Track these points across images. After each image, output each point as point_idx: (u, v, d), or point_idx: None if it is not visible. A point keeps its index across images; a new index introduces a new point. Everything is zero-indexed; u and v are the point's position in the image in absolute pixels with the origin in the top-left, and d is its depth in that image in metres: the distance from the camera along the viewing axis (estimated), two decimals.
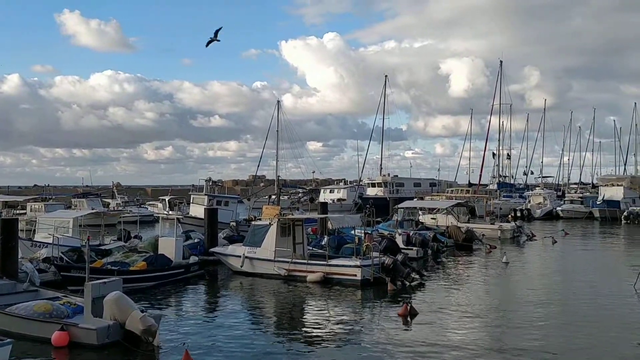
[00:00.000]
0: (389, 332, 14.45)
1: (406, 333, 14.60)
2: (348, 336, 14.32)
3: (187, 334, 14.23)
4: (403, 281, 20.19)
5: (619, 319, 15.87)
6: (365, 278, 20.25)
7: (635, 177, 73.28)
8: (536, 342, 13.58)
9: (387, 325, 15.29)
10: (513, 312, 16.95)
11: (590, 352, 13.05)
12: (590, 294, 19.26)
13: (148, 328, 12.62)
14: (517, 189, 73.63)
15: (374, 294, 19.43)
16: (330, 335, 14.57)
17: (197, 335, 14.21)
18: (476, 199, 53.29)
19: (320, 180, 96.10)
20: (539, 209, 58.20)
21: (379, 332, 14.56)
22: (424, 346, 13.21)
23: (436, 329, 14.81)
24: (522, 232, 37.97)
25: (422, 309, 16.71)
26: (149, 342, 12.66)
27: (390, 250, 22.71)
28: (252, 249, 22.59)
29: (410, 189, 72.68)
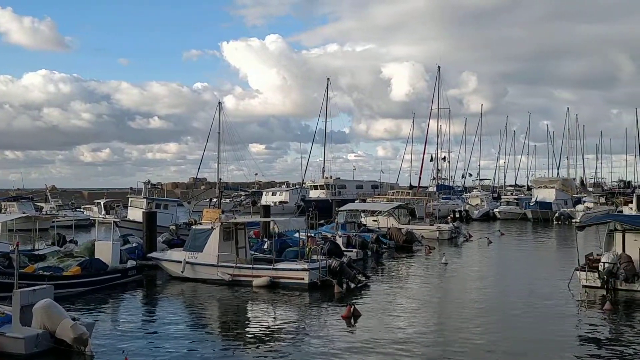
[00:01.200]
0: (333, 335, 14.50)
1: (349, 335, 14.69)
2: (292, 340, 14.24)
3: (123, 342, 13.77)
4: (349, 283, 20.27)
5: (555, 317, 16.43)
6: (313, 281, 20.22)
7: (567, 179, 76.48)
8: (475, 342, 13.91)
9: (330, 327, 15.34)
10: (453, 313, 17.34)
11: (527, 350, 13.44)
12: (526, 294, 19.85)
13: (79, 336, 12.22)
14: (455, 191, 75.43)
15: (321, 296, 19.41)
16: (274, 339, 14.45)
17: (135, 343, 13.79)
18: (416, 201, 54.26)
19: (263, 182, 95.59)
20: (477, 210, 59.84)
21: (322, 335, 14.56)
22: (367, 347, 13.31)
23: (379, 330, 14.94)
24: (460, 233, 38.95)
25: (366, 310, 16.87)
26: (81, 351, 12.25)
27: (333, 253, 22.76)
28: (194, 254, 22.13)
29: (352, 191, 73.27)
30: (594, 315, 16.92)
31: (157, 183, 57.87)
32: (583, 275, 19.99)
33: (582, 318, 16.80)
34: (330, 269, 20.44)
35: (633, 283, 19.03)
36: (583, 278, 19.99)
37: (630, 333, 14.86)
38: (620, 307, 17.61)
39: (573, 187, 72.96)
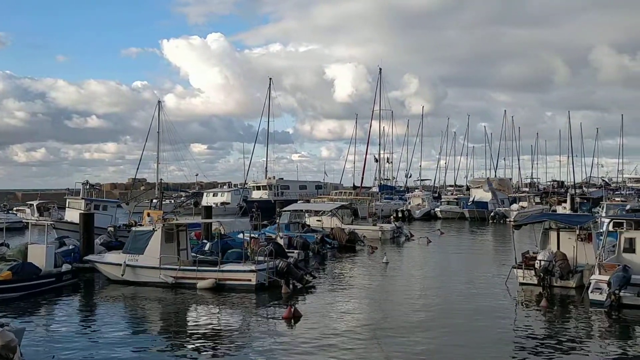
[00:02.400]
0: (272, 336, 14.59)
1: (289, 336, 14.75)
2: (232, 342, 14.20)
3: (56, 349, 13.27)
4: (296, 284, 20.21)
5: (494, 315, 16.89)
6: (260, 282, 20.05)
7: (502, 179, 78.96)
8: (414, 340, 14.16)
9: (271, 328, 15.45)
10: (393, 311, 17.60)
11: (466, 347, 13.72)
12: (465, 291, 20.34)
13: (7, 343, 11.65)
14: (397, 191, 76.58)
15: (268, 298, 19.29)
16: (214, 342, 14.28)
17: (69, 350, 13.30)
18: (359, 201, 54.74)
19: (205, 183, 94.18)
20: (418, 209, 60.94)
21: (262, 336, 14.60)
22: (305, 348, 13.41)
23: (319, 330, 15.02)
24: (402, 233, 39.53)
25: (307, 310, 16.95)
26: (9, 358, 11.68)
27: (277, 254, 22.61)
28: (134, 256, 21.53)
29: (295, 192, 73.18)
30: (530, 311, 17.53)
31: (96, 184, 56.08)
32: (520, 273, 20.64)
33: (520, 315, 17.36)
34: (277, 270, 20.36)
35: (568, 280, 19.77)
36: (520, 276, 20.64)
37: (565, 329, 15.46)
38: (555, 303, 18.28)
39: (509, 187, 75.43)
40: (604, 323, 15.90)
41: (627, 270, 17.08)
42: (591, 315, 16.65)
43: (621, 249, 19.32)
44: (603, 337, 14.72)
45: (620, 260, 18.67)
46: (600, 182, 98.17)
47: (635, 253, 19.01)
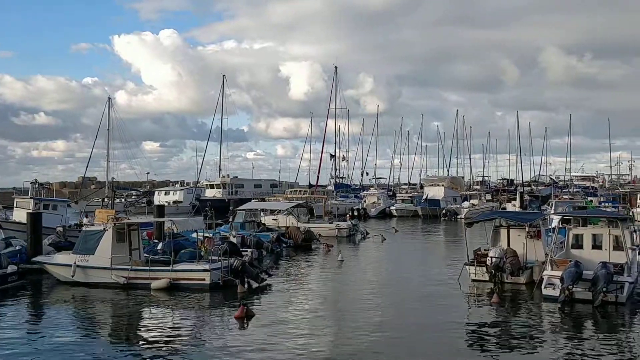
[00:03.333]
0: (224, 335, 14.59)
1: (241, 335, 14.75)
2: (185, 342, 14.06)
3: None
4: (252, 282, 20.08)
5: (447, 311, 17.17)
6: (215, 282, 19.84)
7: (455, 177, 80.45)
8: (368, 336, 14.29)
9: (223, 328, 15.42)
10: (347, 309, 17.69)
11: (419, 343, 13.96)
12: (418, 288, 20.64)
13: None
14: (352, 189, 77.04)
15: (222, 297, 19.11)
16: (167, 343, 14.10)
17: (13, 357, 12.85)
18: (314, 200, 54.81)
19: (157, 181, 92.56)
20: (374, 208, 61.49)
21: (214, 336, 14.56)
22: (256, 347, 13.41)
23: (271, 329, 15.04)
24: (358, 231, 39.81)
25: (261, 309, 16.97)
26: None
27: (231, 253, 22.42)
28: (85, 257, 20.99)
29: (250, 190, 72.71)
30: (482, 307, 17.90)
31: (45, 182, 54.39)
32: (472, 269, 21.06)
33: (472, 310, 17.71)
34: (232, 269, 20.19)
35: (518, 276, 20.28)
36: (472, 272, 21.06)
37: (516, 323, 15.84)
38: (506, 299, 18.71)
39: (462, 185, 76.86)
40: (556, 317, 16.38)
41: (579, 265, 17.63)
42: (544, 310, 17.12)
43: (569, 245, 19.93)
44: (557, 331, 15.16)
45: (569, 256, 19.27)
46: (548, 180, 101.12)
47: (583, 249, 19.66)
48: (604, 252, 18.95)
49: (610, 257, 18.42)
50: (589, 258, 18.57)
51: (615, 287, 16.86)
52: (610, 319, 16.04)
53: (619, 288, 16.95)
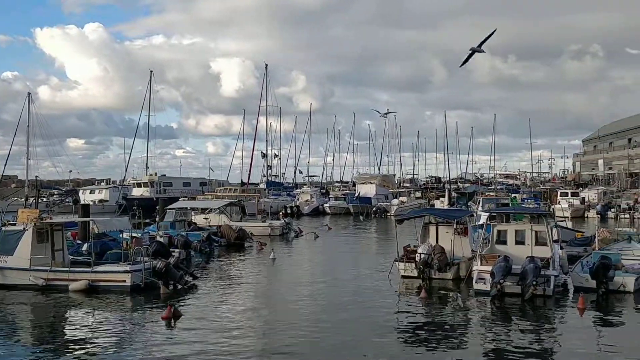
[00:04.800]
0: (151, 336, 14.26)
1: (169, 336, 14.43)
2: (109, 344, 13.58)
3: None
4: (176, 284, 19.57)
5: (377, 307, 17.31)
6: (136, 283, 19.21)
7: (386, 175, 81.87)
8: (298, 334, 14.24)
9: (150, 329, 15.03)
10: (278, 307, 17.65)
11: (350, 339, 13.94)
12: (350, 285, 20.71)
13: None
14: (285, 187, 76.89)
15: (144, 299, 18.53)
16: (90, 346, 13.52)
17: None
18: (246, 198, 54.26)
19: (82, 180, 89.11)
20: (307, 206, 61.58)
21: (141, 337, 14.27)
22: (185, 347, 13.19)
23: (200, 329, 14.79)
24: (291, 229, 39.70)
25: (189, 309, 16.67)
26: None
27: (160, 254, 21.82)
28: (3, 258, 19.98)
29: (179, 189, 71.24)
30: (411, 303, 18.18)
31: None
32: (402, 266, 21.37)
33: (401, 306, 17.91)
34: (155, 270, 19.63)
35: (446, 272, 20.75)
36: (402, 269, 21.37)
37: (442, 317, 16.28)
38: (434, 294, 19.11)
39: (393, 183, 78.26)
40: (487, 311, 16.88)
41: (508, 260, 18.19)
42: (475, 304, 17.62)
43: (494, 240, 20.56)
44: (488, 324, 15.61)
45: (493, 252, 19.87)
46: (473, 178, 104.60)
47: (506, 244, 20.30)
48: (527, 247, 19.65)
49: (532, 252, 19.11)
50: (513, 253, 19.21)
51: (542, 280, 17.54)
52: (539, 311, 16.68)
53: (546, 281, 17.67)
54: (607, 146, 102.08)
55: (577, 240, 26.79)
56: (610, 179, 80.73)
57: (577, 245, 25.69)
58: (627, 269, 19.29)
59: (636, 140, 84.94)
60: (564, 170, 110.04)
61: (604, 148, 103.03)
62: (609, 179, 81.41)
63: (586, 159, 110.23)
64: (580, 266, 19.86)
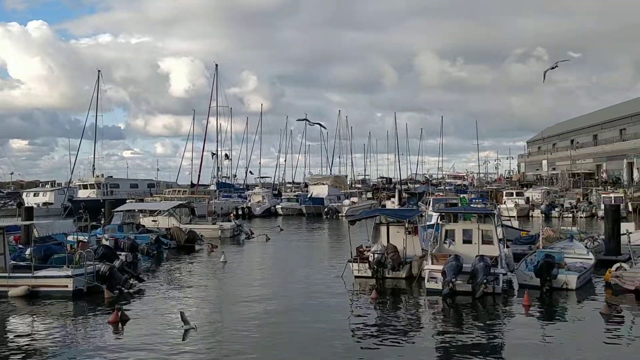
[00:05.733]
0: (98, 341, 13.93)
1: (116, 340, 14.12)
2: (54, 350, 13.13)
3: None
4: (121, 288, 19.10)
5: (330, 308, 17.33)
6: (78, 288, 18.63)
7: (339, 176, 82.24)
8: (251, 337, 14.10)
9: (97, 333, 14.68)
10: (228, 310, 17.39)
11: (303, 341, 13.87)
12: (302, 287, 20.62)
13: None
14: (236, 188, 76.22)
15: (88, 304, 17.95)
16: (34, 353, 13.04)
17: None
18: (196, 199, 53.52)
19: (25, 182, 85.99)
20: (259, 207, 61.20)
21: (87, 342, 13.90)
22: (133, 352, 12.95)
23: (148, 333, 14.51)
24: (242, 231, 39.34)
25: (137, 313, 16.33)
26: None
27: (107, 257, 21.24)
28: None
29: (126, 190, 69.74)
30: (363, 303, 18.27)
31: None
32: (355, 266, 21.47)
33: (354, 306, 17.99)
34: (99, 275, 19.08)
35: (399, 271, 20.95)
36: (355, 269, 21.47)
37: (395, 317, 16.37)
38: (387, 294, 19.26)
39: (345, 184, 78.69)
40: (439, 309, 17.13)
41: (459, 259, 18.50)
42: (426, 302, 17.88)
43: (442, 240, 20.91)
44: (440, 322, 15.88)
45: (442, 251, 20.20)
46: (423, 179, 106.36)
47: (454, 243, 20.65)
48: (474, 246, 20.06)
49: (479, 250, 19.52)
50: (460, 252, 19.55)
51: (492, 278, 17.94)
52: (489, 308, 17.00)
53: (495, 279, 18.08)
54: (551, 147, 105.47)
55: (522, 239, 27.58)
56: (554, 179, 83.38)
57: (522, 243, 26.44)
58: (569, 267, 19.96)
59: (578, 141, 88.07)
60: (510, 171, 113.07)
61: (547, 149, 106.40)
62: (552, 179, 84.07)
63: (531, 159, 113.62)
64: (525, 264, 20.43)
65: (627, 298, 17.82)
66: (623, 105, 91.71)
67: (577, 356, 12.66)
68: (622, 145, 72.63)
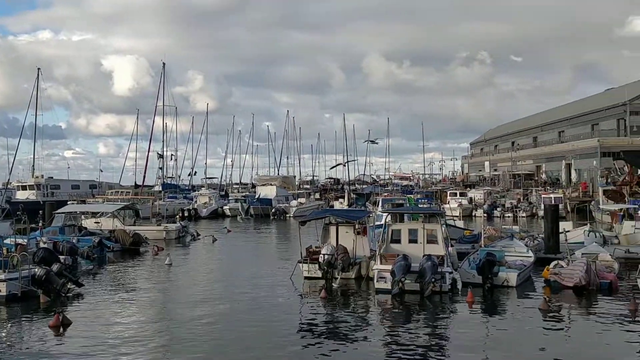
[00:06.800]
0: (39, 345, 13.55)
1: (58, 344, 13.77)
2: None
3: None
4: (59, 292, 18.51)
5: (279, 309, 17.28)
6: (12, 292, 17.96)
7: (287, 177, 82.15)
8: (198, 339, 13.91)
9: (37, 338, 14.24)
10: (174, 313, 17.07)
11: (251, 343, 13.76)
12: (251, 289, 20.38)
13: None
14: (182, 189, 74.98)
15: (23, 309, 17.33)
16: None
17: None
18: (140, 201, 52.39)
19: None
20: (205, 208, 60.39)
21: (27, 346, 13.55)
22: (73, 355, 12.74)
23: (91, 336, 14.22)
24: (188, 232, 38.75)
25: (78, 317, 15.94)
26: None
27: (46, 261, 20.49)
28: None
29: (67, 192, 67.59)
30: (313, 303, 18.28)
31: None
32: (305, 267, 21.49)
33: (304, 307, 17.95)
34: (35, 279, 18.42)
35: (348, 272, 21.08)
36: (305, 270, 21.48)
37: (345, 316, 16.44)
38: (337, 294, 19.34)
39: (293, 185, 78.67)
40: (388, 308, 17.37)
41: (407, 258, 18.78)
42: (376, 302, 18.13)
43: (389, 240, 21.18)
44: (389, 321, 16.08)
45: (389, 251, 20.47)
46: (370, 179, 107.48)
47: (400, 243, 20.98)
48: (419, 246, 20.43)
49: (425, 250, 19.89)
50: (406, 252, 19.87)
51: (439, 277, 18.31)
52: (436, 306, 17.37)
53: (442, 278, 18.46)
54: (493, 149, 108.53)
55: (466, 238, 28.29)
56: (496, 179, 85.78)
57: (465, 242, 27.12)
58: (509, 265, 20.60)
59: (519, 143, 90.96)
60: (454, 172, 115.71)
61: (489, 150, 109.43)
62: (494, 179, 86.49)
63: (473, 160, 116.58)
64: (467, 262, 20.97)
65: (564, 294, 18.55)
66: (562, 108, 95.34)
67: (517, 350, 13.06)
68: (561, 147, 75.45)
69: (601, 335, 14.36)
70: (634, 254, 23.18)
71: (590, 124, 74.71)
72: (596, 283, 18.74)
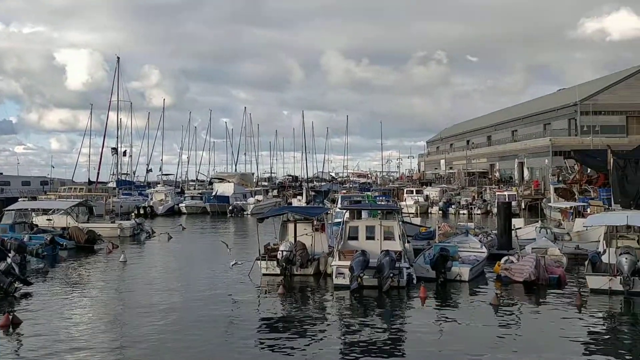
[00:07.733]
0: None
1: (9, 344, 13.50)
2: None
3: None
4: (7, 291, 18.05)
5: (237, 308, 17.30)
6: None
7: (245, 174, 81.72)
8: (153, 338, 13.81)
9: None
10: (127, 311, 16.86)
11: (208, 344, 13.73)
12: (208, 287, 20.20)
13: None
14: (137, 186, 73.74)
15: None
16: None
17: None
18: (94, 198, 51.34)
19: None
20: (161, 205, 59.56)
21: None
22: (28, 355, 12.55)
23: (43, 336, 13.94)
24: (143, 230, 38.21)
25: (30, 316, 15.64)
26: None
27: None
28: None
29: (17, 188, 65.67)
30: (271, 300, 18.29)
31: None
32: (264, 264, 21.50)
33: (261, 304, 17.94)
34: None
35: (307, 268, 21.20)
36: (263, 267, 21.49)
37: (303, 313, 16.53)
38: (295, 290, 19.43)
39: (251, 182, 78.31)
40: (346, 304, 17.53)
41: (365, 254, 19.02)
42: (334, 298, 18.26)
43: (346, 236, 21.42)
44: (347, 317, 16.17)
45: (346, 247, 20.69)
46: (329, 177, 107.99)
47: (358, 240, 21.26)
48: (377, 242, 20.72)
49: (382, 246, 20.19)
50: (364, 248, 20.15)
51: (397, 272, 18.63)
52: (392, 301, 17.67)
53: (400, 273, 18.78)
54: (449, 147, 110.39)
55: (422, 235, 28.85)
56: (451, 177, 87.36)
57: (421, 239, 27.63)
58: (463, 260, 21.12)
59: (474, 142, 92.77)
60: (410, 170, 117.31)
61: (445, 149, 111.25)
62: (449, 177, 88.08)
63: (430, 159, 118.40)
64: (422, 258, 21.41)
65: (514, 289, 19.11)
66: (515, 108, 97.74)
67: (466, 344, 13.38)
68: (514, 146, 77.34)
69: (549, 327, 14.87)
70: (582, 250, 24.04)
71: (542, 123, 76.82)
72: (545, 278, 19.36)
